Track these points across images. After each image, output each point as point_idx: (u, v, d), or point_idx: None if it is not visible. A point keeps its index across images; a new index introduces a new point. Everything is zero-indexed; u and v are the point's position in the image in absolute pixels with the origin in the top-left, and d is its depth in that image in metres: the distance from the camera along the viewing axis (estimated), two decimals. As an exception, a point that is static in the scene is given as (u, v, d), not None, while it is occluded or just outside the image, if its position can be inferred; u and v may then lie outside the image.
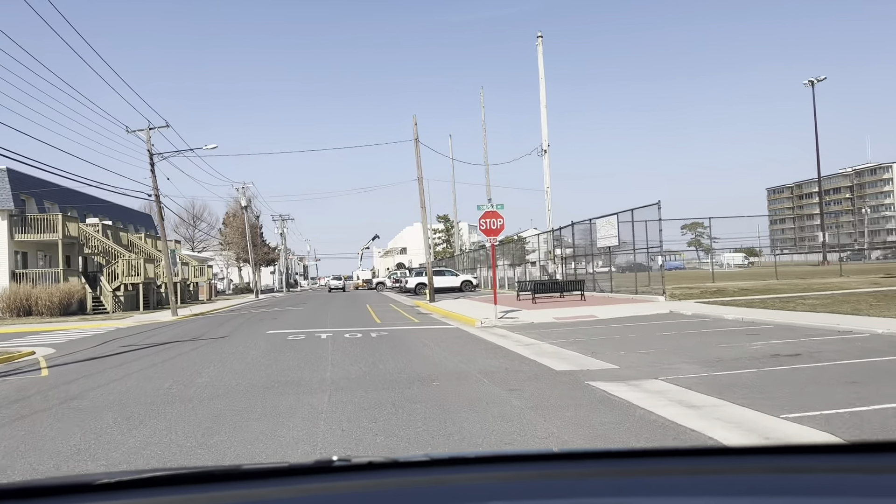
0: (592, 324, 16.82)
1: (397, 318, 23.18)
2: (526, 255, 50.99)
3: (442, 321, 20.83)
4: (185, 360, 12.62)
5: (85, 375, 10.96)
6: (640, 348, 11.45)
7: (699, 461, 1.35)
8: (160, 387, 9.30)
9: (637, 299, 23.56)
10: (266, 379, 9.62)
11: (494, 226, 18.43)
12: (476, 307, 25.02)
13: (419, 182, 31.07)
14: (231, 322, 24.30)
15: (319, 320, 22.64)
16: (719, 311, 17.51)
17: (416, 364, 10.65)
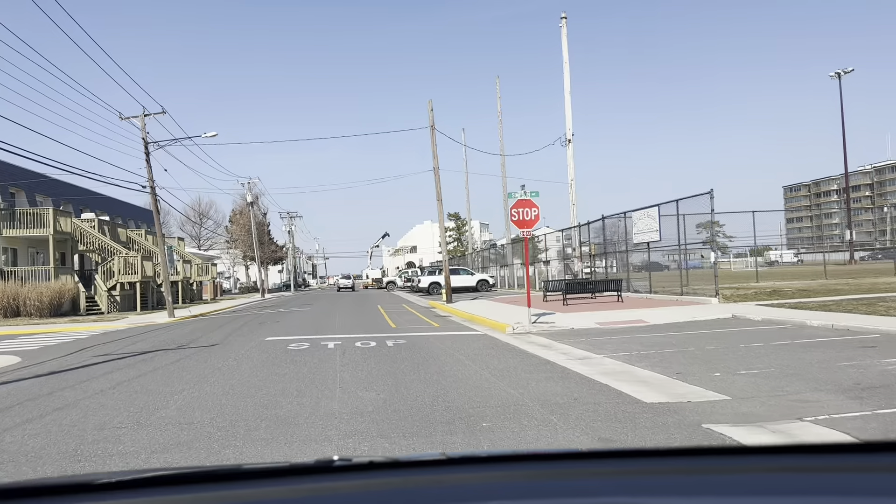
0: (646, 331, 14.26)
1: (414, 321, 20.69)
2: (538, 254, 48.58)
3: (466, 326, 18.32)
4: (158, 377, 10.17)
5: (29, 399, 8.53)
6: (735, 367, 8.89)
7: (706, 461, 1.34)
8: (106, 423, 6.84)
9: (683, 301, 20.97)
10: (251, 413, 7.14)
11: (528, 216, 15.91)
12: (501, 309, 22.50)
13: (435, 173, 28.59)
14: (229, 325, 21.90)
15: (327, 324, 20.18)
16: (795, 315, 14.90)
17: (450, 389, 8.14)
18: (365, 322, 20.55)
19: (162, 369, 11.09)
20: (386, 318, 21.91)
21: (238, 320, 24.67)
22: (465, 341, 13.96)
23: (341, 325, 19.30)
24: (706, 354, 10.25)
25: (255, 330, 19.01)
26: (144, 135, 29.21)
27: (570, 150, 34.73)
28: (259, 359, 11.93)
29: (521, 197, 15.98)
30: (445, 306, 27.11)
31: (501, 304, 26.23)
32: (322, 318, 23.66)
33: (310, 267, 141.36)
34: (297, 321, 22.17)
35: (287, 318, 23.94)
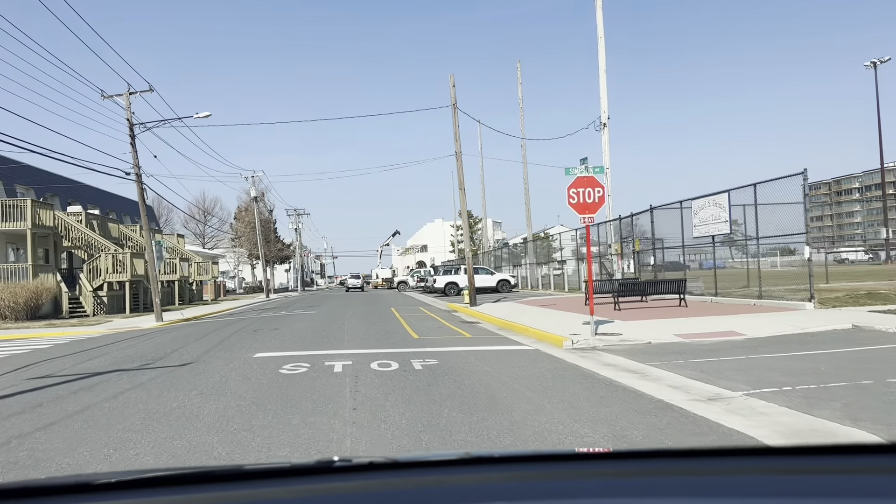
0: (758, 348, 10.71)
1: (437, 329, 17.20)
2: (552, 253, 45.19)
3: (504, 336, 14.81)
4: (74, 429, 6.73)
5: None
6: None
7: (711, 462, 1.33)
8: None
9: (764, 306, 17.40)
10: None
11: (591, 197, 12.40)
12: (539, 314, 18.99)
13: (457, 157, 25.10)
14: (218, 332, 18.49)
15: (334, 333, 16.71)
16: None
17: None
18: (379, 330, 17.07)
19: (92, 409, 7.64)
20: (404, 326, 18.42)
21: (232, 326, 21.26)
22: (516, 362, 10.45)
23: (351, 335, 15.84)
24: None
25: (246, 340, 15.58)
26: (129, 115, 25.90)
27: (605, 134, 31.15)
28: (235, 392, 8.46)
29: (582, 173, 12.47)
30: (470, 310, 23.61)
31: (534, 307, 22.72)
32: (329, 323, 20.21)
33: (318, 266, 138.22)
34: (300, 328, 18.72)
35: (288, 324, 20.51)
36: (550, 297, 30.58)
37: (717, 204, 19.22)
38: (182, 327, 22.45)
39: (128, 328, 23.51)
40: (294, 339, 15.18)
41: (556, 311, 19.83)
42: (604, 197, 12.45)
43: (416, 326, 18.11)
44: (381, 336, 15.40)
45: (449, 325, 18.67)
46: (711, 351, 10.71)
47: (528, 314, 19.57)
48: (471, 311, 23.35)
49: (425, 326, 18.14)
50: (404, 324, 19.12)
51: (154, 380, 9.74)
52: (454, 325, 18.31)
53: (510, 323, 17.07)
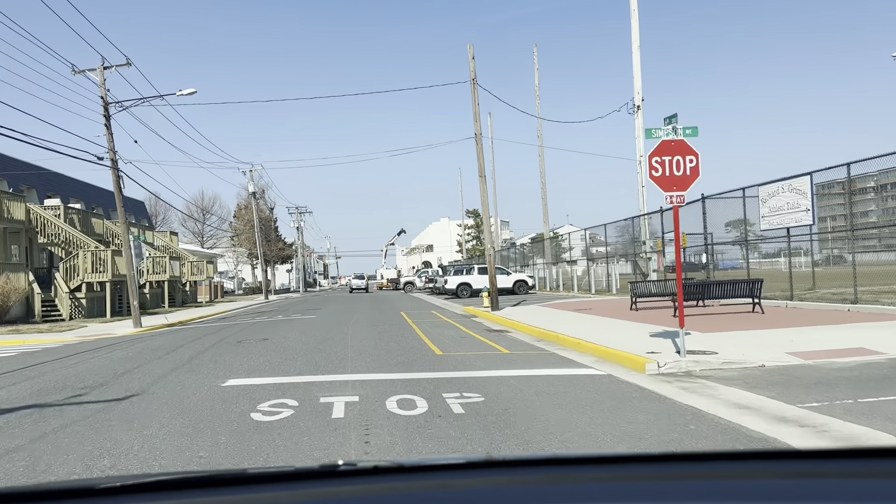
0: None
1: (463, 340, 14.00)
2: (562, 253, 42.31)
3: (552, 352, 11.58)
4: None
5: None
6: None
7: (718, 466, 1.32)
8: None
9: (866, 313, 14.17)
10: None
11: (681, 168, 9.20)
12: (584, 322, 15.78)
13: (477, 140, 21.89)
14: (195, 344, 15.35)
15: (335, 346, 13.52)
16: None
17: None
18: (391, 342, 13.88)
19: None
20: (420, 335, 15.23)
21: (216, 334, 18.09)
22: (596, 399, 7.23)
23: (357, 350, 12.64)
24: None
25: (224, 356, 12.39)
26: (104, 93, 22.78)
27: (639, 118, 27.91)
28: (168, 462, 5.25)
29: (669, 136, 9.26)
30: (492, 315, 20.40)
31: (567, 312, 19.52)
32: (329, 332, 17.03)
33: (321, 266, 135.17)
34: (294, 339, 15.53)
35: (282, 333, 17.34)
36: (578, 299, 27.35)
37: (796, 190, 16.01)
38: (159, 335, 19.29)
39: (99, 335, 20.40)
40: (284, 356, 11.97)
41: (600, 318, 16.63)
42: (697, 168, 9.23)
43: (435, 336, 14.91)
44: (393, 351, 12.20)
45: (473, 334, 15.47)
46: (868, 381, 7.49)
47: (567, 321, 16.36)
48: (494, 316, 20.15)
49: (446, 336, 14.95)
50: (419, 332, 15.93)
51: (62, 430, 6.54)
52: (480, 335, 15.11)
53: (550, 333, 13.85)
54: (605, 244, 29.52)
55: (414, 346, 12.95)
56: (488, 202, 22.27)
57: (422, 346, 12.91)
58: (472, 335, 15.27)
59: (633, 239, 30.42)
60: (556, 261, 42.76)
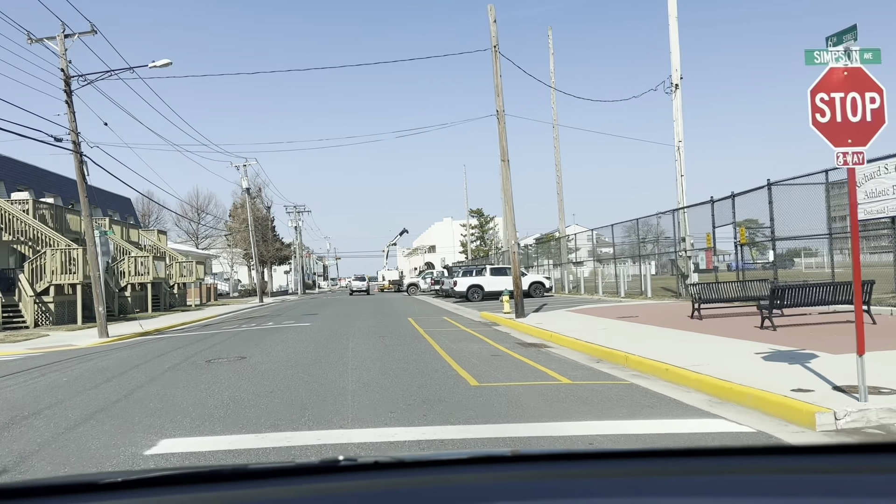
0: None
1: (502, 363, 10.75)
2: (568, 254, 39.50)
3: (631, 382, 8.32)
4: None
5: None
6: None
7: (711, 462, 1.33)
8: None
9: None
10: None
11: (856, 112, 5.99)
12: (647, 334, 12.56)
13: (499, 118, 18.66)
14: (154, 364, 12.12)
15: (330, 372, 10.28)
16: None
17: None
18: (406, 364, 10.65)
19: None
20: (440, 353, 11.97)
21: (185, 349, 14.86)
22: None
23: (361, 379, 9.41)
24: None
25: (173, 391, 9.13)
26: (65, 65, 19.59)
27: (677, 98, 24.75)
28: None
29: (840, 62, 6.03)
30: (519, 324, 17.18)
31: (612, 320, 16.32)
32: (325, 347, 13.82)
33: (320, 268, 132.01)
34: (278, 358, 12.30)
35: (266, 348, 14.13)
36: (610, 304, 24.11)
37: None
38: (121, 348, 16.07)
39: (54, 347, 17.22)
40: (258, 388, 8.72)
41: (662, 329, 13.40)
42: (882, 112, 6.02)
43: (459, 353, 11.69)
44: (410, 379, 8.96)
45: (506, 349, 12.24)
46: None
47: (622, 334, 13.13)
48: (520, 325, 16.93)
49: (472, 353, 11.72)
50: (437, 347, 12.70)
51: None
52: (515, 352, 11.89)
53: (611, 351, 10.63)
54: (638, 241, 26.28)
55: (436, 370, 9.72)
56: (511, 190, 19.03)
57: (447, 371, 9.68)
58: (505, 351, 12.04)
59: (654, 238, 27.25)
60: (561, 262, 40.00)
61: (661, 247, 26.92)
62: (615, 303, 24.32)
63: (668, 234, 26.14)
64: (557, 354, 11.50)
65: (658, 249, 28.39)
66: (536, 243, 73.15)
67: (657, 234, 27.71)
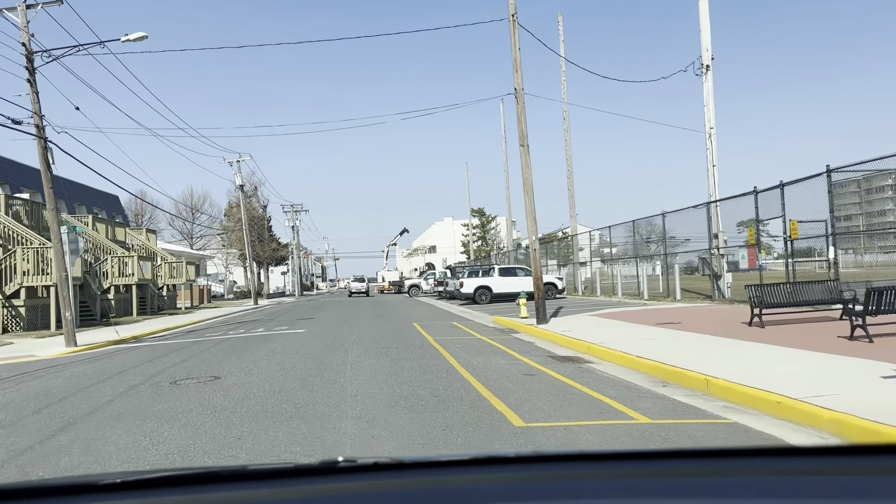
0: None
1: (542, 388, 8.47)
2: (570, 255, 38.01)
3: (757, 430, 6.09)
4: None
5: None
6: None
7: (711, 463, 1.32)
8: None
9: None
10: None
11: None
12: (712, 347, 10.33)
13: (517, 97, 16.43)
14: (108, 385, 9.88)
15: (321, 405, 8.01)
16: None
17: None
18: (421, 390, 8.41)
19: None
20: (461, 372, 9.72)
21: (154, 363, 12.59)
22: None
23: (364, 413, 7.17)
24: None
25: (110, 433, 6.84)
26: (27, 38, 17.35)
27: (707, 81, 22.55)
28: None
29: None
30: (541, 331, 14.95)
31: (652, 327, 14.10)
32: (318, 363, 11.59)
33: (318, 269, 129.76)
34: (259, 378, 10.06)
35: (246, 364, 11.89)
36: (638, 307, 21.87)
37: None
38: (84, 361, 13.82)
39: (12, 359, 15.03)
40: (222, 434, 6.39)
41: (726, 341, 11.15)
42: None
43: (484, 372, 9.46)
44: (430, 414, 6.70)
45: (540, 366, 10.00)
46: None
47: (678, 346, 10.91)
48: (545, 332, 14.70)
49: (500, 372, 9.49)
50: (455, 363, 10.45)
51: None
52: (552, 370, 9.65)
53: (679, 371, 8.40)
54: (664, 239, 24.03)
55: (462, 399, 7.47)
56: (531, 178, 16.79)
57: (475, 400, 7.43)
58: (539, 369, 9.80)
59: (661, 237, 25.01)
60: (566, 262, 38.62)
61: (684, 245, 24.71)
62: (640, 306, 22.09)
63: (690, 232, 23.97)
64: (605, 373, 9.27)
65: (673, 248, 26.15)
66: (540, 243, 71.33)
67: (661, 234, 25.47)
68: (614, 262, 30.09)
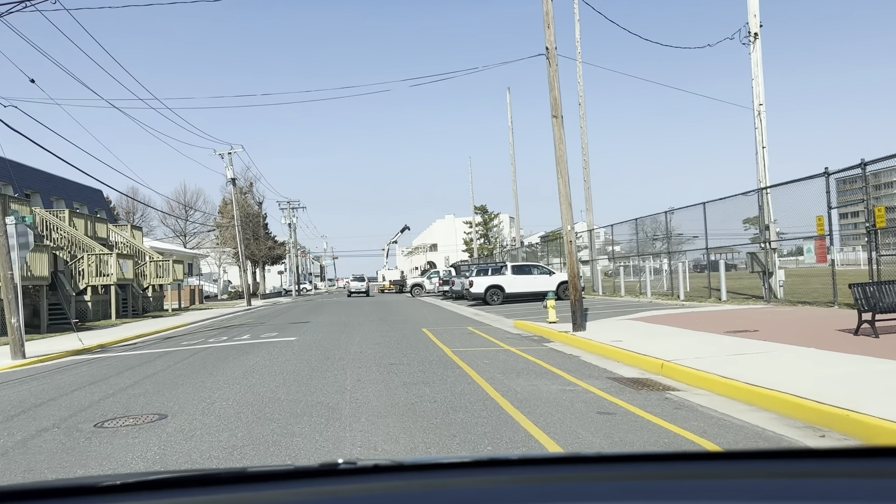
0: None
1: (630, 435, 5.71)
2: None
3: None
4: None
5: None
6: None
7: (712, 466, 1.31)
8: None
9: None
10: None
11: None
12: (827, 366, 7.54)
13: (549, 58, 13.63)
14: (8, 428, 7.10)
15: (304, 461, 5.23)
16: None
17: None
18: (451, 442, 5.62)
19: None
20: (506, 409, 6.92)
21: (101, 385, 9.80)
22: None
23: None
24: None
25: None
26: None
27: (755, 51, 19.81)
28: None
29: None
30: (582, 340, 12.16)
31: (722, 335, 11.35)
32: (309, 388, 8.84)
33: (317, 268, 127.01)
34: (222, 419, 7.28)
35: (209, 392, 9.10)
36: (674, 309, 19.09)
37: None
38: (9, 384, 11.03)
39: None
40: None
41: (839, 357, 8.38)
42: None
43: (533, 405, 6.72)
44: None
45: (611, 398, 7.23)
46: None
47: (789, 365, 8.15)
48: (587, 342, 11.92)
49: (557, 405, 6.75)
50: (490, 390, 7.69)
51: None
52: (633, 405, 6.88)
53: (839, 412, 5.65)
54: (705, 233, 21.21)
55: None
56: (565, 155, 13.99)
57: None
58: (613, 401, 7.03)
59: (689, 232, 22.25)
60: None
61: (730, 238, 22.02)
62: (679, 308, 19.30)
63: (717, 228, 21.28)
64: (711, 411, 6.51)
65: (716, 243, 23.38)
66: (542, 241, 68.45)
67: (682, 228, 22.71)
68: (641, 258, 27.30)
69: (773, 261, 19.20)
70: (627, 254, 29.73)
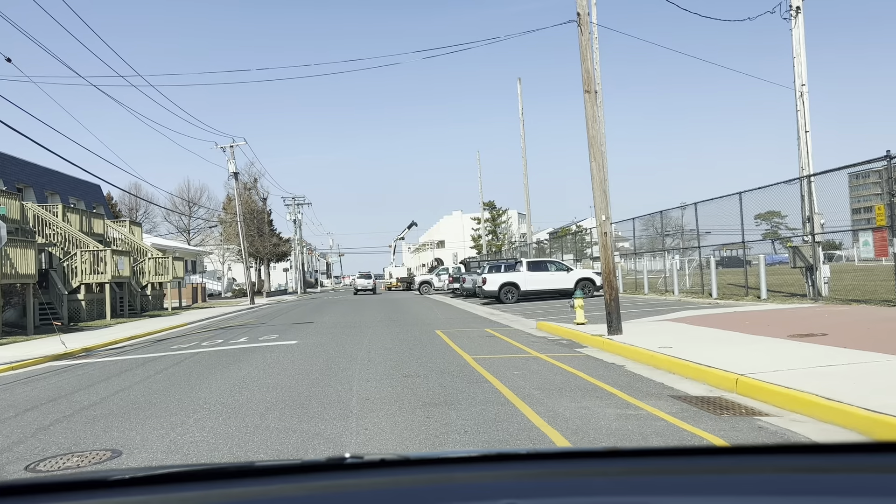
0: None
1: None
2: (584, 248, 35.95)
3: None
4: None
5: None
6: None
7: (713, 460, 1.30)
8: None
9: None
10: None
11: None
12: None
13: (580, 26, 12.00)
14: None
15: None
16: None
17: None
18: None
19: None
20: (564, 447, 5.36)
21: (59, 403, 8.26)
22: None
23: None
24: None
25: None
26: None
27: (797, 26, 18.13)
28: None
29: None
30: (624, 346, 10.57)
31: (787, 340, 9.77)
32: (307, 412, 7.30)
33: (323, 265, 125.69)
34: (196, 450, 5.72)
35: (182, 419, 7.57)
36: (709, 308, 17.45)
37: None
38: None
39: None
40: None
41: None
42: None
43: (595, 441, 5.12)
44: None
45: (698, 431, 5.64)
46: None
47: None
48: (628, 348, 10.34)
49: (624, 440, 5.15)
50: (534, 417, 6.10)
51: None
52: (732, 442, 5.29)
53: None
54: (742, 227, 19.51)
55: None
56: (599, 137, 12.38)
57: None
58: (698, 434, 5.43)
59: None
60: (580, 257, 36.13)
61: (771, 231, 20.32)
62: (714, 307, 17.65)
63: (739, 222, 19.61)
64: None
65: (752, 236, 21.72)
66: (551, 237, 66.77)
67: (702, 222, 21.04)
68: (669, 252, 25.64)
69: (817, 255, 17.57)
70: (650, 249, 28.06)
